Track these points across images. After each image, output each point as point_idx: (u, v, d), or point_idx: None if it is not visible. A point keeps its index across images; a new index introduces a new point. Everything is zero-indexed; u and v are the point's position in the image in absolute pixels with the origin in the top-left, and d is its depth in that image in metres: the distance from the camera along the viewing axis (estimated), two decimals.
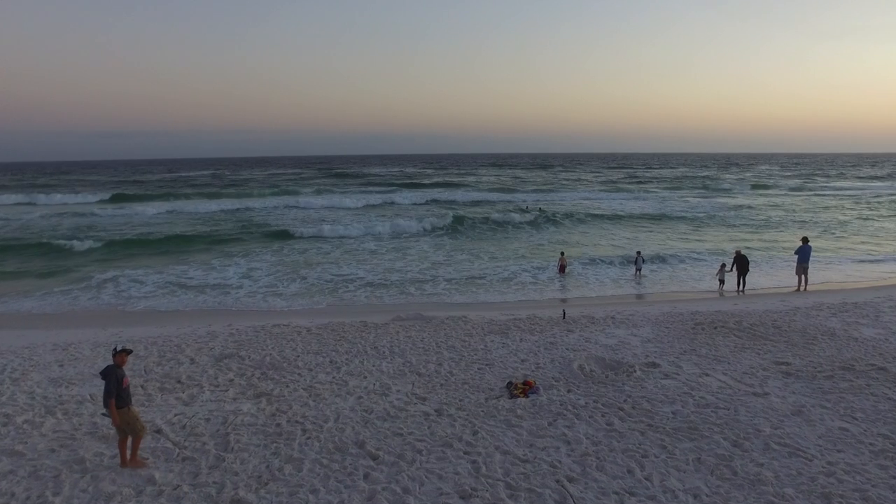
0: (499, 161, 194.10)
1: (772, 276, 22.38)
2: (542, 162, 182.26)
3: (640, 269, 23.13)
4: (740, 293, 19.79)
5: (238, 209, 48.49)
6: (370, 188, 71.40)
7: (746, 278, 20.11)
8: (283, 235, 33.64)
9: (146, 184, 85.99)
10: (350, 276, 22.70)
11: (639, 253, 23.79)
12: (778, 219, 40.34)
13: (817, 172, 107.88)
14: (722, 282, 20.49)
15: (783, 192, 63.89)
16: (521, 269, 24.05)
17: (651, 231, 35.16)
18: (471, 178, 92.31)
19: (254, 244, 31.12)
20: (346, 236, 33.05)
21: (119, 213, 46.66)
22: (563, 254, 24.24)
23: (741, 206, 48.19)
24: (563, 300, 19.09)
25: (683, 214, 43.15)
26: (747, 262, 20.27)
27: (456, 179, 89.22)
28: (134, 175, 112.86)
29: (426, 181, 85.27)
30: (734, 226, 37.36)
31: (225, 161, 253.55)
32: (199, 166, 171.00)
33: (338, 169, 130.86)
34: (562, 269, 23.27)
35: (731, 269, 20.33)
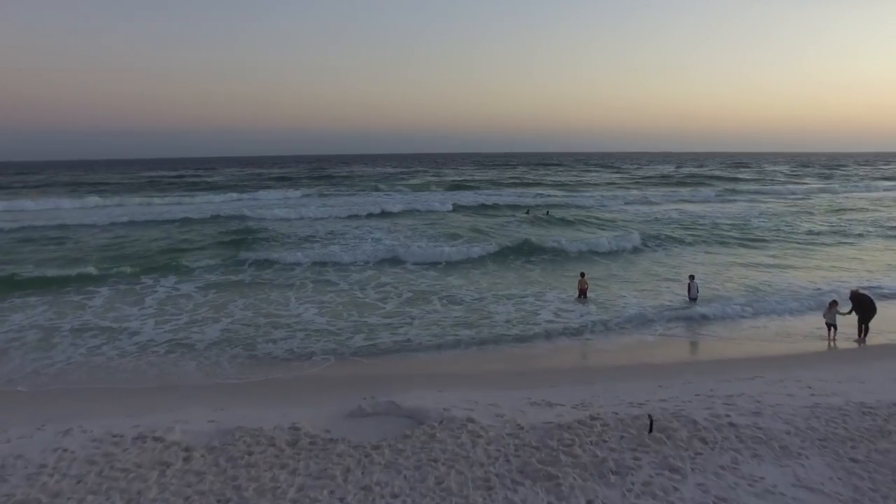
0: (498, 160, 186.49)
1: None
2: (541, 161, 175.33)
3: (694, 299, 17.37)
4: (861, 343, 13.95)
5: (197, 218, 40.20)
6: (357, 193, 63.58)
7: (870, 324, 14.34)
8: (232, 251, 27.01)
9: (110, 185, 78.75)
10: (298, 319, 16.29)
11: (692, 278, 17.96)
12: (841, 229, 33.39)
13: (837, 172, 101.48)
14: (832, 326, 14.31)
15: (817, 196, 57.01)
16: (539, 301, 17.84)
17: (695, 245, 28.24)
18: (468, 179, 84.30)
19: (194, 262, 24.35)
20: (314, 259, 24.46)
21: (51, 220, 39.44)
22: (583, 275, 18.88)
23: (787, 213, 41.22)
24: (579, 349, 12.79)
25: (725, 221, 36.68)
26: (873, 305, 14.34)
27: (452, 179, 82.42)
28: (101, 176, 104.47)
29: (418, 182, 78.32)
30: (793, 237, 30.68)
31: (218, 160, 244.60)
32: (183, 166, 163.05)
33: (329, 170, 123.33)
34: (582, 293, 18.13)
35: (850, 312, 14.36)
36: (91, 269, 22.76)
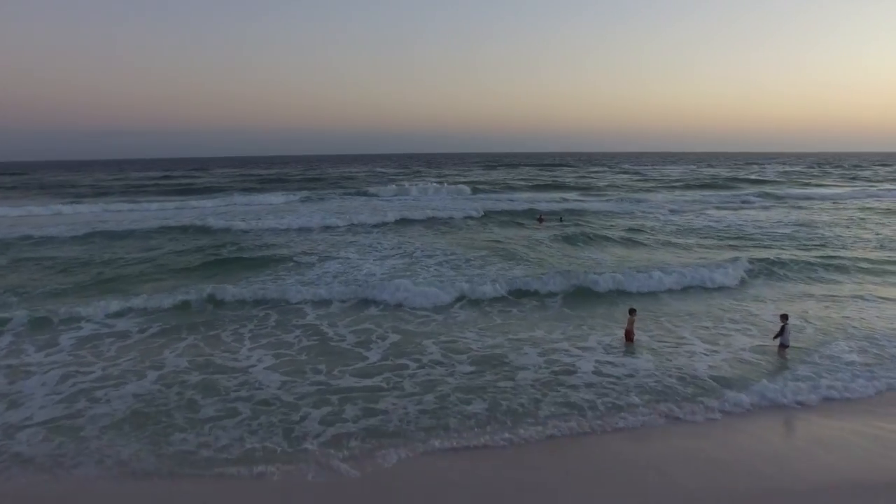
0: (501, 161, 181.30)
1: None
2: (545, 161, 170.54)
3: (787, 346, 13.13)
4: None
5: (175, 226, 34.97)
6: (356, 196, 58.44)
7: None
8: (198, 272, 22.70)
9: (91, 188, 74.39)
10: (245, 378, 11.89)
11: (785, 318, 13.54)
12: None
13: (861, 173, 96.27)
14: None
15: (865, 201, 51.43)
16: (574, 349, 13.38)
17: (753, 263, 22.71)
18: (475, 181, 78.36)
19: (146, 287, 20.01)
20: (291, 283, 19.79)
21: (12, 229, 35.00)
22: (633, 311, 14.19)
23: (835, 223, 35.61)
24: (648, 445, 8.26)
25: (773, 231, 32.00)
26: None
27: (457, 180, 77.47)
28: (87, 178, 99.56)
29: (421, 184, 73.33)
30: (865, 254, 25.08)
31: (217, 160, 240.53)
32: (182, 166, 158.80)
33: (329, 170, 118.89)
34: (629, 336, 13.76)
35: None
36: (11, 296, 18.51)
